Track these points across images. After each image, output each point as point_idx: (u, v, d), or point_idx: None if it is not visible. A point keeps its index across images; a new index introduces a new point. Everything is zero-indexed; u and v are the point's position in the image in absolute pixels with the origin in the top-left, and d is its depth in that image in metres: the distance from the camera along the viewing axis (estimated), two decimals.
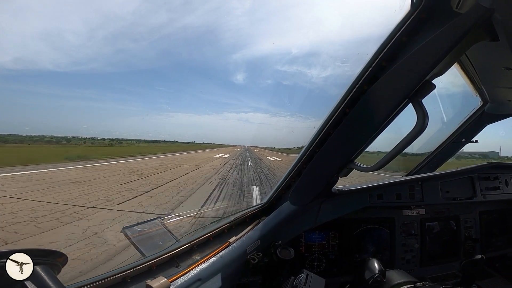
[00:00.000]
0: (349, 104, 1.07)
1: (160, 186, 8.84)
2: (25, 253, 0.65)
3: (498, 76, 1.32)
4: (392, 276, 1.20)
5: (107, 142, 71.00)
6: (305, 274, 1.21)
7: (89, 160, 17.99)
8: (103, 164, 15.68)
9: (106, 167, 13.84)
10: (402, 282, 1.14)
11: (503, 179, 2.04)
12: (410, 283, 1.13)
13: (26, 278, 0.63)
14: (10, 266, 0.62)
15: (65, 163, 14.96)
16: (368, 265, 1.24)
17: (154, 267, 1.12)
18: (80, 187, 8.10)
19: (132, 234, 1.24)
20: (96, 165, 14.62)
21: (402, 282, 1.14)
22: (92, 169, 12.96)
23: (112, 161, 18.07)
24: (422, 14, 0.78)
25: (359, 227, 1.78)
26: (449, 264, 1.96)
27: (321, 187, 1.42)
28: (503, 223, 2.15)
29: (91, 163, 15.98)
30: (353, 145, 1.14)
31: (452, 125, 2.22)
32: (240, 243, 1.34)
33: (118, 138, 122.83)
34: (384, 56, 0.91)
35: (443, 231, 1.97)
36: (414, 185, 1.81)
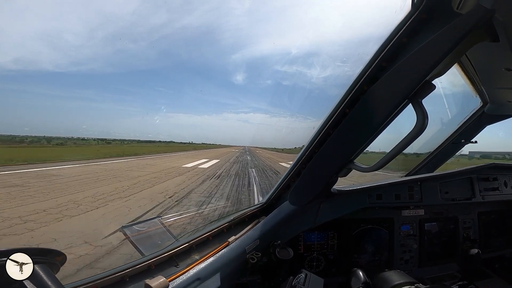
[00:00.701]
0: (349, 104, 1.07)
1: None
2: (24, 253, 0.65)
3: (498, 77, 1.32)
4: (391, 276, 1.20)
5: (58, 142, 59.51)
6: (304, 274, 1.22)
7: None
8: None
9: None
10: (401, 283, 1.15)
11: (502, 180, 2.05)
12: (410, 284, 1.13)
13: (26, 278, 0.63)
14: (10, 266, 0.62)
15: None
16: (353, 276, 1.31)
17: (153, 267, 1.12)
18: None
19: (131, 233, 1.24)
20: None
21: (401, 283, 1.14)
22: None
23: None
24: (423, 15, 0.78)
25: (358, 227, 1.78)
26: (447, 265, 1.96)
27: (320, 187, 1.42)
28: (501, 224, 2.15)
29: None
30: (352, 145, 1.14)
31: (451, 125, 2.22)
32: (239, 243, 1.34)
33: (117, 139, 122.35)
34: (384, 57, 0.91)
35: (442, 232, 1.97)
36: (413, 186, 1.81)
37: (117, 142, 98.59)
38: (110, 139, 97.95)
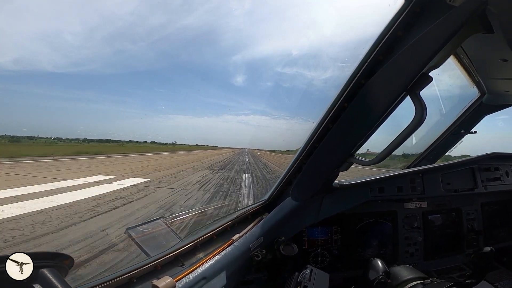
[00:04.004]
0: (347, 98, 1.07)
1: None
2: (32, 257, 0.65)
3: (495, 67, 1.33)
4: (400, 272, 1.19)
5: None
6: (309, 269, 1.22)
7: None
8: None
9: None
10: (411, 278, 1.14)
11: (504, 169, 2.05)
12: (419, 279, 1.12)
13: (33, 280, 0.64)
14: (10, 266, 0.62)
15: None
16: (372, 265, 1.25)
17: (159, 267, 1.13)
18: None
19: (136, 235, 1.25)
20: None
21: (410, 279, 1.13)
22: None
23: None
24: (416, 8, 0.79)
25: (362, 221, 1.78)
26: (452, 257, 1.96)
27: (322, 182, 1.43)
28: (505, 214, 2.15)
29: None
30: (352, 139, 1.15)
31: (450, 116, 2.23)
32: (243, 241, 1.35)
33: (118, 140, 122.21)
34: (380, 50, 0.91)
35: (446, 224, 1.97)
36: (415, 178, 1.81)
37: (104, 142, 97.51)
38: (120, 141, 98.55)
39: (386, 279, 1.17)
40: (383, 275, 1.18)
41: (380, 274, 1.18)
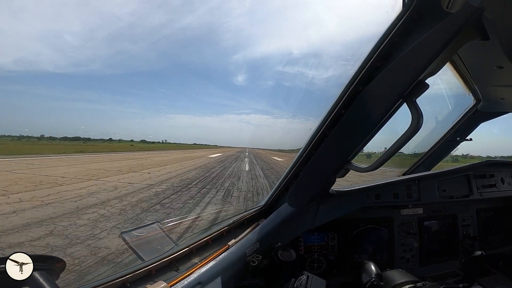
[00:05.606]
0: (345, 105, 1.07)
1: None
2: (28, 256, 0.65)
3: (490, 74, 1.34)
4: (393, 276, 1.20)
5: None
6: (305, 275, 1.21)
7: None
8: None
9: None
10: (403, 282, 1.14)
11: (499, 176, 2.06)
12: (411, 283, 1.13)
13: (26, 282, 0.63)
14: (10, 266, 0.62)
15: None
16: (365, 268, 1.26)
17: (154, 272, 1.11)
18: None
19: (130, 239, 1.23)
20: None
21: (403, 282, 1.14)
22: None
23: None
24: (414, 15, 0.79)
25: (358, 228, 1.78)
26: (448, 263, 1.96)
27: (318, 188, 1.43)
28: (500, 220, 2.16)
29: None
30: (349, 146, 1.15)
31: (446, 124, 2.25)
32: (239, 246, 1.34)
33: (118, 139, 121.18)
34: (378, 56, 0.92)
35: (441, 230, 1.98)
36: (411, 184, 1.82)
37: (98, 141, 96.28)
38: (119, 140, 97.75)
39: (378, 282, 1.17)
40: (375, 278, 1.18)
41: (372, 277, 1.19)
